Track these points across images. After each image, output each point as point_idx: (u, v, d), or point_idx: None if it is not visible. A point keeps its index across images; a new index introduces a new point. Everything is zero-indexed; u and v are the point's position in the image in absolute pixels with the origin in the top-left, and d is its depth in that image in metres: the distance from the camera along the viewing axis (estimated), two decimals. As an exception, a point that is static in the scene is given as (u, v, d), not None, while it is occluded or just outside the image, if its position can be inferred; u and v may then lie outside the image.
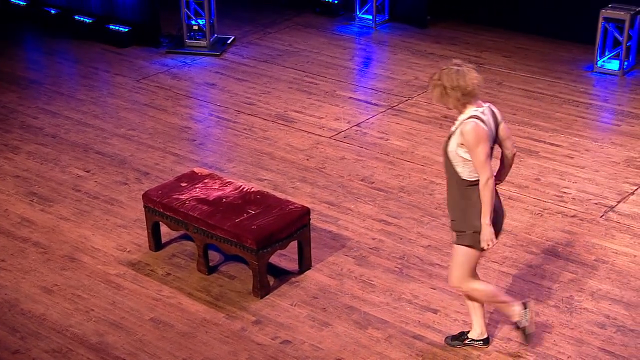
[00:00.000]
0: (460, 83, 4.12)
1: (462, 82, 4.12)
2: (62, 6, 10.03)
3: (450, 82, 4.13)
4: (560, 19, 9.32)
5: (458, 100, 4.16)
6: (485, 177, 4.16)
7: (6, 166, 6.82)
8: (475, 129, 4.11)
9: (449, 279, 4.52)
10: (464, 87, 4.12)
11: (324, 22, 10.23)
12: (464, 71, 4.14)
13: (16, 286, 5.26)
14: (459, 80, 4.12)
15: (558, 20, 9.34)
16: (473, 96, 4.18)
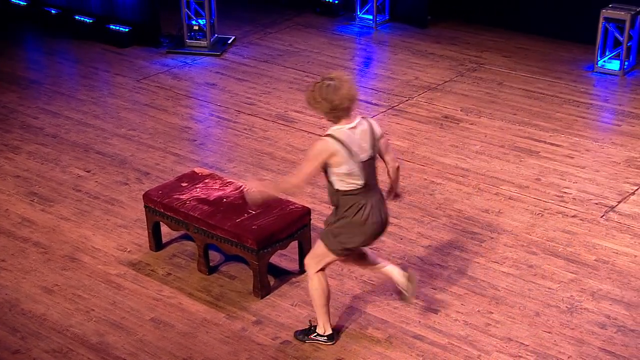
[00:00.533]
0: (329, 97, 4.20)
1: (332, 96, 4.19)
2: (62, 6, 10.03)
3: (321, 94, 4.22)
4: (560, 19, 9.32)
5: (327, 113, 4.27)
6: (293, 183, 4.35)
7: (7, 166, 6.82)
8: (318, 145, 4.27)
9: (305, 258, 4.68)
10: (332, 101, 4.20)
11: (324, 22, 10.23)
12: (336, 86, 4.20)
13: (17, 286, 5.27)
14: (328, 94, 4.20)
15: (558, 20, 9.34)
16: (343, 111, 4.25)
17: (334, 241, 4.46)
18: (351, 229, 4.41)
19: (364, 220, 4.38)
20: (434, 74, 8.65)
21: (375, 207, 4.43)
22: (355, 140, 4.31)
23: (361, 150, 4.32)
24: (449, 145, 7.10)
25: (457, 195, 6.30)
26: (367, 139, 4.35)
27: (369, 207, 4.39)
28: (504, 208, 6.11)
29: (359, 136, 4.32)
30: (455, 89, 8.27)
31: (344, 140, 4.26)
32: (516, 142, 7.11)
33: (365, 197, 4.38)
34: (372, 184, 4.44)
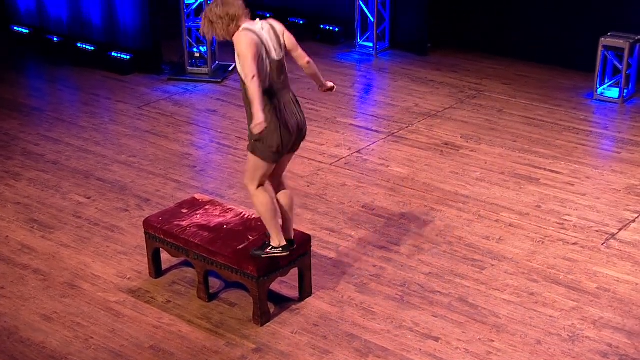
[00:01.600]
0: (225, 11, 4.54)
1: (227, 9, 4.54)
2: (64, 34, 10.11)
3: (217, 14, 4.55)
4: (559, 46, 9.38)
5: (229, 27, 4.58)
6: (249, 76, 4.43)
7: (7, 193, 6.82)
8: (241, 36, 4.50)
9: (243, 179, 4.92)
10: (228, 13, 4.54)
11: (324, 50, 10.29)
12: (227, 1, 4.55)
13: (15, 314, 5.24)
14: (223, 9, 4.54)
15: (558, 48, 9.40)
16: (242, 18, 4.58)
17: (261, 147, 4.68)
18: (270, 130, 4.59)
19: (279, 118, 4.63)
20: (434, 101, 8.69)
21: (288, 106, 4.71)
22: (267, 39, 4.59)
23: (273, 49, 4.61)
24: (449, 172, 7.11)
25: (457, 222, 6.29)
26: (273, 37, 4.63)
27: (282, 106, 4.66)
28: (504, 235, 6.10)
29: (267, 36, 4.60)
30: (455, 115, 8.30)
31: (259, 34, 4.55)
32: (516, 169, 7.12)
33: (277, 97, 4.65)
34: (284, 84, 4.73)
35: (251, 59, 4.45)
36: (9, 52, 10.33)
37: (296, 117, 4.76)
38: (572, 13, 9.17)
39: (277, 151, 4.71)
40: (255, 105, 4.43)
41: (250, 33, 4.52)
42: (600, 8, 8.94)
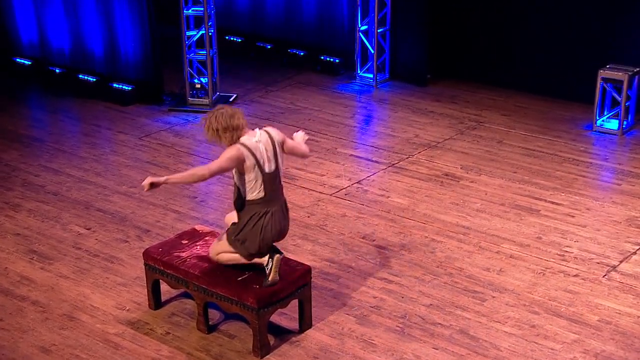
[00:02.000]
0: (229, 123, 4.85)
1: (231, 121, 4.85)
2: (66, 65, 10.17)
3: (222, 125, 4.85)
4: (559, 78, 9.44)
5: (232, 137, 4.88)
6: (202, 171, 4.86)
7: (7, 224, 6.81)
8: (232, 151, 4.83)
9: (209, 249, 5.21)
10: (232, 125, 4.85)
11: (325, 81, 10.35)
12: (227, 112, 4.88)
13: (14, 346, 5.21)
14: (227, 121, 4.85)
15: (557, 80, 9.45)
16: (242, 129, 4.90)
17: (241, 247, 4.99)
18: (253, 237, 4.94)
19: (263, 229, 4.93)
20: (434, 131, 8.72)
21: (276, 216, 4.99)
22: (262, 152, 4.91)
23: (267, 162, 4.92)
24: (450, 202, 7.11)
25: (458, 253, 6.28)
26: (270, 149, 4.96)
27: (269, 216, 4.95)
28: (505, 267, 6.08)
29: (264, 148, 4.92)
30: (455, 146, 8.32)
31: (253, 150, 4.86)
32: (517, 200, 7.12)
33: (267, 207, 4.95)
34: (275, 195, 5.01)
35: (218, 167, 4.84)
36: (11, 83, 10.39)
37: (280, 225, 5.07)
38: (571, 45, 9.24)
39: (253, 255, 5.03)
40: (176, 176, 5.02)
41: (243, 149, 4.84)
42: (599, 40, 9.01)
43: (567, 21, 9.22)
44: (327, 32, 10.71)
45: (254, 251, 4.99)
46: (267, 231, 4.96)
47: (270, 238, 5.01)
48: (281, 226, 5.07)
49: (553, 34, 9.36)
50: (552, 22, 9.32)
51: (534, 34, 9.50)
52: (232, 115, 4.86)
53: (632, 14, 8.81)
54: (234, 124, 4.85)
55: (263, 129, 5.02)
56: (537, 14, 9.42)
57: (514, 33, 9.68)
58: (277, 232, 5.04)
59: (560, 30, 9.28)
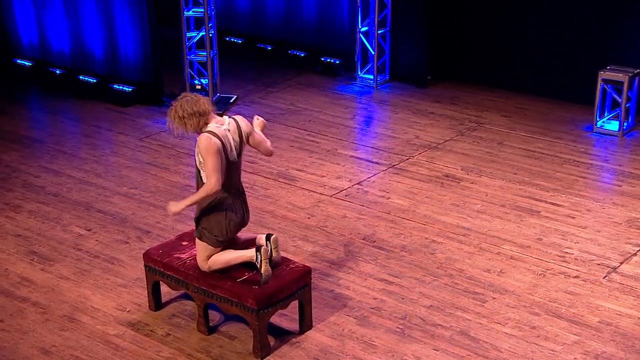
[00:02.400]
0: (194, 108, 4.82)
1: (196, 107, 4.83)
2: (66, 66, 10.17)
3: (186, 111, 4.83)
4: (559, 79, 9.44)
5: (198, 123, 4.85)
6: (210, 183, 4.80)
7: (7, 225, 6.81)
8: (205, 141, 4.78)
9: (198, 264, 5.13)
10: (199, 111, 4.82)
11: (325, 82, 10.36)
12: (192, 98, 4.87)
13: (14, 347, 5.21)
14: (193, 106, 4.83)
15: (557, 81, 9.45)
16: (209, 114, 4.87)
17: (208, 235, 5.00)
18: (215, 223, 4.96)
19: (227, 211, 4.96)
20: (434, 133, 8.72)
21: (236, 201, 5.02)
22: (229, 140, 4.89)
23: (232, 151, 4.91)
24: (450, 204, 7.11)
25: (458, 254, 6.28)
26: (237, 139, 4.94)
27: (230, 201, 4.97)
28: (505, 268, 6.08)
29: (231, 137, 4.90)
30: (455, 148, 8.32)
31: (222, 138, 4.83)
32: (517, 202, 7.12)
33: (227, 194, 4.94)
34: (236, 182, 5.04)
35: (213, 167, 4.79)
36: (12, 85, 10.39)
37: (242, 211, 5.10)
38: (571, 46, 9.24)
39: (222, 240, 5.05)
40: (192, 198, 4.91)
41: (214, 138, 4.80)
42: (600, 42, 9.01)
43: (567, 23, 9.22)
44: (327, 33, 10.71)
45: (221, 237, 5.00)
46: (232, 213, 4.98)
47: (235, 220, 5.02)
48: (243, 211, 5.09)
49: (553, 36, 9.36)
50: (553, 24, 9.32)
51: (534, 36, 9.50)
52: (196, 101, 4.86)
53: (632, 15, 8.81)
54: (200, 109, 4.83)
55: (232, 117, 5.00)
56: (538, 16, 9.42)
57: (514, 34, 9.68)
58: (240, 216, 5.06)
59: (560, 31, 9.28)
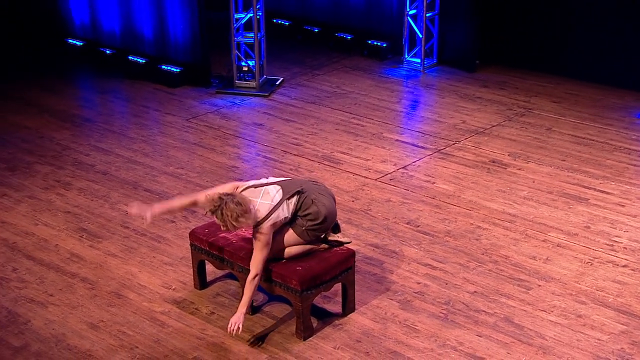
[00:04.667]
0: (245, 208, 4.79)
1: (246, 206, 4.80)
2: (117, 47, 10.31)
3: (240, 213, 4.77)
4: (611, 65, 9.24)
5: (253, 218, 4.87)
6: (256, 278, 4.94)
7: (58, 202, 6.96)
8: (266, 237, 4.92)
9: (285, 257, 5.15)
10: (248, 210, 4.82)
11: (371, 65, 10.31)
12: (235, 200, 4.77)
13: (64, 321, 5.33)
14: (243, 207, 4.78)
15: (609, 66, 9.25)
16: (250, 204, 4.87)
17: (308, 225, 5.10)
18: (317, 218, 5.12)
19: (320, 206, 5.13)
20: (481, 118, 8.62)
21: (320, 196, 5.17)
22: (278, 210, 4.96)
23: (288, 212, 5.04)
24: (496, 190, 7.03)
25: (503, 240, 6.22)
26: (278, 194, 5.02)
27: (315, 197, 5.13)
28: (552, 255, 6.01)
29: (281, 204, 4.98)
30: (503, 133, 8.22)
31: (273, 212, 4.93)
32: (565, 189, 7.01)
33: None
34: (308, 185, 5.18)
35: (262, 258, 4.94)
36: (64, 64, 10.57)
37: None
38: (624, 31, 9.03)
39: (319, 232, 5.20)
40: (245, 300, 4.98)
41: (271, 230, 4.93)
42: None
43: (620, 7, 9.00)
44: (374, 16, 10.64)
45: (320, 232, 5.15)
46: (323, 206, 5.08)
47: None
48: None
49: (606, 20, 9.15)
50: (605, 8, 9.11)
51: (586, 20, 9.31)
52: (241, 201, 4.79)
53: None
54: (246, 205, 4.80)
55: (270, 184, 5.04)
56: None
57: (566, 18, 9.49)
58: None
59: (613, 16, 9.07)
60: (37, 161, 7.74)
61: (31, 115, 8.90)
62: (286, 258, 5.12)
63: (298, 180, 5.21)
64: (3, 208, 6.83)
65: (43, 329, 5.23)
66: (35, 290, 5.67)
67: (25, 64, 10.49)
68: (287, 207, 5.00)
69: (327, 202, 5.09)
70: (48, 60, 10.66)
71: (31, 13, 11.21)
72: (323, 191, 5.16)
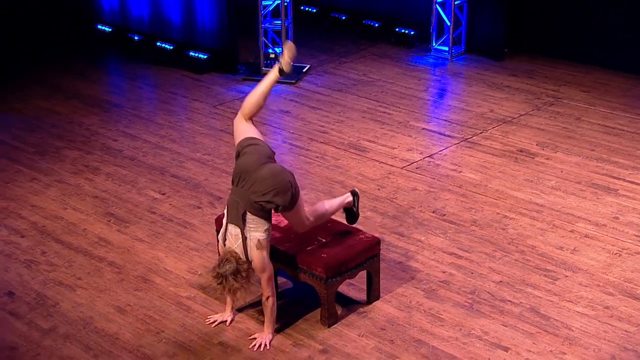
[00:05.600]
0: (238, 263, 4.73)
1: (237, 260, 4.74)
2: (145, 33, 10.36)
3: (232, 269, 4.71)
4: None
5: (249, 268, 4.80)
6: (264, 295, 4.93)
7: (86, 187, 7.03)
8: (262, 258, 4.83)
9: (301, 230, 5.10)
10: (241, 266, 4.73)
11: (399, 53, 10.25)
12: (232, 267, 4.72)
13: (91, 304, 5.40)
14: (235, 265, 4.72)
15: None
16: (230, 257, 4.79)
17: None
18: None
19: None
20: (509, 107, 8.55)
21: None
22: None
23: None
24: (523, 179, 6.98)
25: (530, 230, 6.17)
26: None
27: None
28: (579, 246, 5.95)
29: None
30: (531, 122, 8.14)
31: (246, 248, 4.82)
32: (593, 179, 6.94)
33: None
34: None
35: (267, 279, 4.88)
36: (93, 50, 10.65)
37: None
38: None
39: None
40: (270, 320, 4.98)
41: (267, 251, 4.84)
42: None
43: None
44: (402, 3, 10.58)
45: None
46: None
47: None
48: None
49: (637, 8, 9.00)
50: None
51: (617, 8, 9.16)
52: (229, 257, 4.75)
53: None
54: (241, 260, 4.76)
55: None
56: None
57: (596, 6, 9.35)
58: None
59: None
60: (66, 146, 7.82)
61: (60, 100, 8.99)
62: (319, 219, 5.09)
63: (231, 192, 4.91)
64: (33, 192, 6.92)
65: (71, 312, 5.30)
66: (63, 273, 5.74)
67: (55, 50, 10.59)
68: (247, 228, 4.78)
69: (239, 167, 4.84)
70: (77, 46, 10.75)
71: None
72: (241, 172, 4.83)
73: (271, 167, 4.80)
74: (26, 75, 9.71)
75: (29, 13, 11.14)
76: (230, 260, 4.75)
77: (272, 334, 4.99)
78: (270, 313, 4.96)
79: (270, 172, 4.75)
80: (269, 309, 4.94)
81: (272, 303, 4.92)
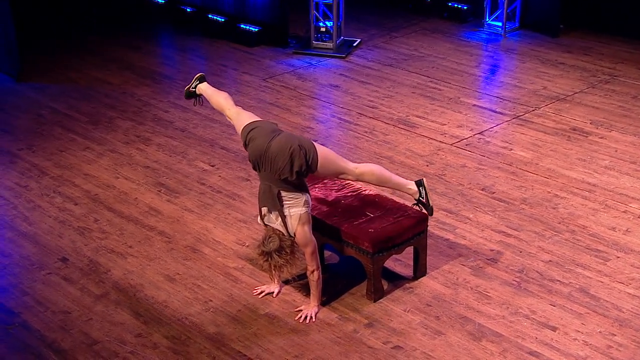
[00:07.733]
0: (282, 244, 4.83)
1: (279, 237, 4.85)
2: (197, 5, 10.41)
3: (276, 246, 4.82)
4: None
5: (292, 244, 4.88)
6: (309, 269, 4.97)
7: (138, 156, 7.14)
8: (305, 232, 4.90)
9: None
10: (284, 242, 4.84)
11: (451, 28, 10.12)
12: (268, 239, 4.85)
13: (141, 272, 5.50)
14: (278, 242, 4.84)
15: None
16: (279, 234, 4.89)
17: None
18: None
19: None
20: (563, 84, 8.38)
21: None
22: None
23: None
24: (576, 158, 6.86)
25: (581, 210, 6.07)
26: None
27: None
28: (632, 227, 5.84)
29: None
30: (585, 100, 7.98)
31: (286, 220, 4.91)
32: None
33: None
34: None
35: (311, 253, 4.93)
36: (145, 22, 10.75)
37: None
38: None
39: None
40: (315, 295, 5.03)
41: (309, 225, 4.90)
42: None
43: None
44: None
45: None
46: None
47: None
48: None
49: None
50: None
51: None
52: (273, 236, 4.86)
53: None
54: (282, 237, 4.85)
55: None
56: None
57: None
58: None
59: None
60: (118, 116, 7.94)
61: (113, 71, 9.11)
62: (369, 175, 5.04)
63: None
64: (86, 161, 7.06)
65: (122, 279, 5.42)
66: (115, 241, 5.86)
67: (109, 22, 10.71)
68: (285, 206, 4.87)
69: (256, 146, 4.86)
70: (130, 17, 10.85)
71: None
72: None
73: (277, 140, 4.82)
74: (81, 46, 9.86)
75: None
76: (273, 237, 4.84)
77: (318, 306, 5.03)
78: (315, 286, 4.99)
79: (278, 146, 4.78)
80: (315, 282, 4.98)
81: (317, 276, 4.95)
